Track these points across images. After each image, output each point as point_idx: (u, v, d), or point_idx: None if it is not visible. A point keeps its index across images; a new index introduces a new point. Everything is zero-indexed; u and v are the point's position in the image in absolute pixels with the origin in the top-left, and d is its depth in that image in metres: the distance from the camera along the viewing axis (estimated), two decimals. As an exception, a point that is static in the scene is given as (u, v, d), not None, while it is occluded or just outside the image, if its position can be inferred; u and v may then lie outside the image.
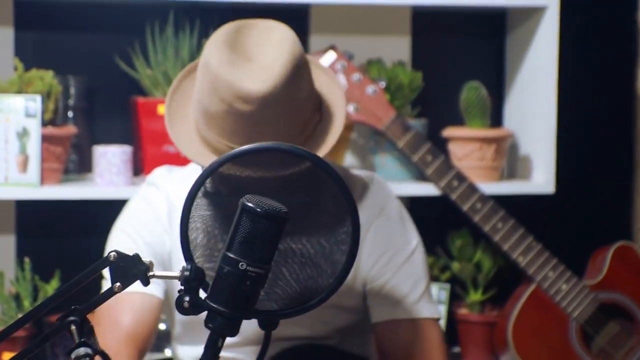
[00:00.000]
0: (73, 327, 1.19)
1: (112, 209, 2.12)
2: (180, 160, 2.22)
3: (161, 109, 2.54)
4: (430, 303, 1.81)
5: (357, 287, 1.78)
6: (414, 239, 1.82)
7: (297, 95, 1.60)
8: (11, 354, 2.43)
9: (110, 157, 2.50)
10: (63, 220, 2.70)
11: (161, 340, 2.57)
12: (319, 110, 1.67)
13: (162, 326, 2.60)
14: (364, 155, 2.78)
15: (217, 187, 1.63)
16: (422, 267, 1.81)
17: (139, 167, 2.61)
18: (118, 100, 2.70)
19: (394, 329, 1.78)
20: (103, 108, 2.73)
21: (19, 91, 2.46)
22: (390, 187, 1.86)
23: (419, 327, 1.78)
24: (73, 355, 1.16)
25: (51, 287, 2.53)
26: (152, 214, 1.80)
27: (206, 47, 1.63)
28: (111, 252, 1.22)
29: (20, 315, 2.52)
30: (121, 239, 1.81)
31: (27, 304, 2.52)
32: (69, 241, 2.70)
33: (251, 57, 1.60)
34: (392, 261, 1.77)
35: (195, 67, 1.70)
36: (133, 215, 1.82)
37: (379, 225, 1.77)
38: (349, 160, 2.72)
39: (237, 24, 1.66)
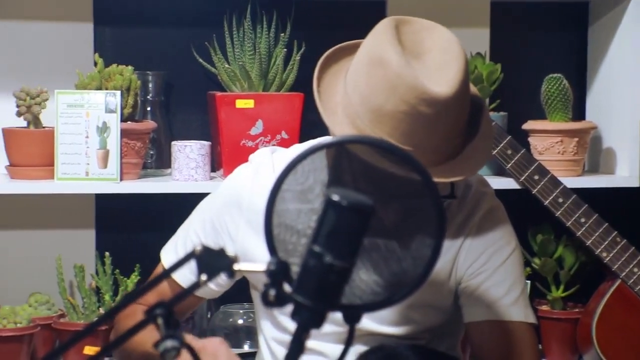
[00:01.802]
0: (160, 320, 1.18)
1: (190, 203, 2.12)
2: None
3: (239, 104, 2.54)
4: (526, 308, 1.77)
5: (450, 286, 1.76)
6: (513, 240, 1.78)
7: (467, 97, 1.59)
8: (93, 347, 2.45)
9: (189, 152, 2.51)
10: (142, 215, 2.72)
11: (240, 334, 2.57)
12: None
13: (240, 320, 2.60)
14: (442, 149, 2.74)
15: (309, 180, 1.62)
16: (519, 270, 1.78)
17: (217, 162, 2.62)
18: (195, 95, 2.71)
19: (486, 330, 1.75)
20: (180, 103, 2.74)
21: (99, 87, 2.48)
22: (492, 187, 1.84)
23: (512, 331, 1.75)
24: (160, 348, 1.16)
25: (131, 282, 2.54)
26: (235, 193, 1.79)
27: (374, 43, 1.57)
28: (197, 246, 1.21)
29: (101, 310, 2.55)
30: (198, 213, 1.85)
31: (107, 298, 2.54)
32: (147, 236, 2.72)
33: (420, 57, 1.57)
34: (489, 261, 1.74)
35: (332, 58, 1.65)
36: (220, 193, 1.83)
37: (479, 224, 1.75)
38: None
39: (393, 20, 1.60)
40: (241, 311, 2.60)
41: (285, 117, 2.55)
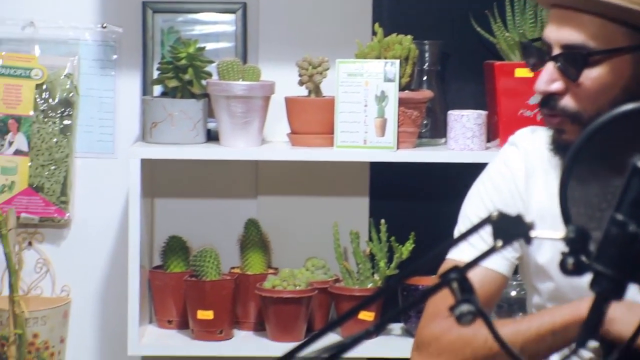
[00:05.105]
0: (455, 285, 1.18)
1: (465, 173, 2.11)
2: (539, 122, 2.17)
3: (518, 73, 2.50)
4: None
5: None
6: None
7: None
8: (367, 313, 2.50)
9: (465, 122, 2.50)
10: (416, 184, 2.74)
11: (514, 307, 2.54)
12: None
13: (512, 292, 2.57)
14: None
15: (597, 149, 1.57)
16: None
17: (492, 132, 2.59)
18: (470, 64, 2.69)
19: None
20: (455, 72, 2.73)
21: (378, 56, 2.51)
22: None
23: None
24: (456, 312, 1.15)
25: (406, 249, 2.57)
26: (509, 178, 1.76)
27: None
28: (494, 211, 1.19)
29: (375, 276, 2.59)
30: (474, 202, 1.80)
31: (382, 265, 2.58)
32: (421, 205, 2.74)
33: None
34: None
35: None
36: (489, 179, 1.80)
37: None
38: None
39: None
40: (514, 283, 2.57)
41: (565, 87, 2.48)
